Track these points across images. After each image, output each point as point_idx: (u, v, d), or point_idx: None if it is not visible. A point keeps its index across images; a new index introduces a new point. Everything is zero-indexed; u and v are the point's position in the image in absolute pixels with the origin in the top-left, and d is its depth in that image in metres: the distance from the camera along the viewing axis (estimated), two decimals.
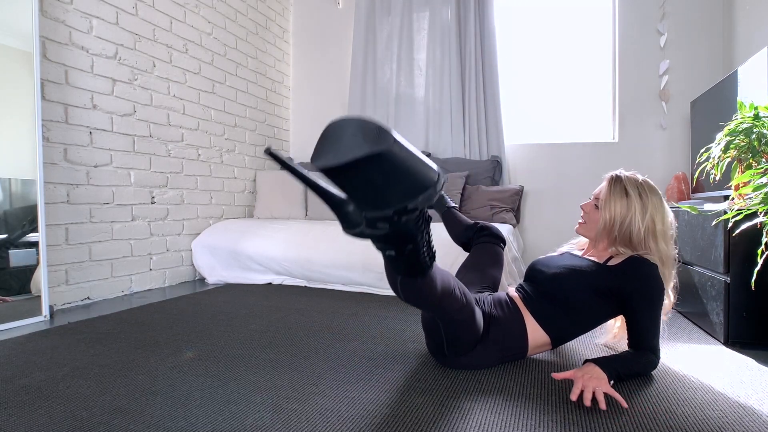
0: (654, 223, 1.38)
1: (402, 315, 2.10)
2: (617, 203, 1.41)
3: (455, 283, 1.24)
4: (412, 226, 0.88)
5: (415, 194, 0.81)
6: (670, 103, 3.23)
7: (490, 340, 1.37)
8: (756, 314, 1.64)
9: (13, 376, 1.33)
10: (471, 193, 3.21)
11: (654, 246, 1.38)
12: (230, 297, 2.49)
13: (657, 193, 1.43)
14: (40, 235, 2.06)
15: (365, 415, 1.09)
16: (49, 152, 2.17)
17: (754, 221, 1.46)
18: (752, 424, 1.06)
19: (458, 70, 3.51)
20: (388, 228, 0.84)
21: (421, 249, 0.96)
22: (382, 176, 0.74)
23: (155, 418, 1.07)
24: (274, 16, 3.96)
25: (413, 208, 0.82)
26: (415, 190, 0.80)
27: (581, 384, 1.14)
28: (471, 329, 1.30)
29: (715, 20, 3.12)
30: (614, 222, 1.40)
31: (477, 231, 1.84)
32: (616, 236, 1.41)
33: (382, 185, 0.76)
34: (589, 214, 1.51)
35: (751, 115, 1.55)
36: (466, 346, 1.34)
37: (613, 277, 1.34)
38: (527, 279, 1.54)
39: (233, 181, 3.48)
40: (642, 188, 1.41)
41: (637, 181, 1.43)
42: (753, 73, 2.07)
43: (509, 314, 1.41)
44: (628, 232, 1.39)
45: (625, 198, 1.41)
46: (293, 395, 1.20)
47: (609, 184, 1.45)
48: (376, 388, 1.25)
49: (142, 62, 2.65)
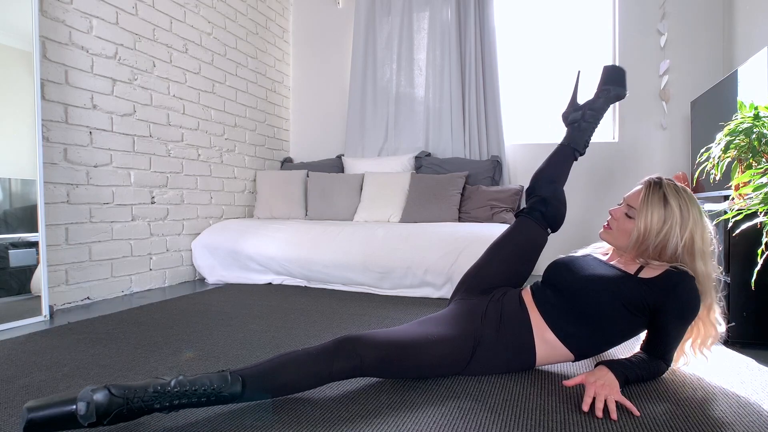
0: (693, 240, 1.25)
1: (402, 315, 2.10)
2: (654, 213, 1.26)
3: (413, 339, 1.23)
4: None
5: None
6: (670, 103, 3.23)
7: (474, 361, 1.30)
8: (756, 314, 1.64)
9: (13, 376, 1.33)
10: (471, 193, 3.21)
11: (690, 264, 1.26)
12: (230, 297, 2.49)
13: (697, 204, 1.29)
14: (40, 235, 2.06)
15: (365, 415, 1.09)
16: (49, 152, 2.17)
17: (754, 221, 1.46)
18: (752, 424, 1.06)
19: (458, 70, 3.52)
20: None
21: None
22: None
23: (155, 418, 1.07)
24: (274, 16, 3.96)
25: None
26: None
27: (593, 391, 1.10)
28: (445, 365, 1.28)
29: (715, 20, 3.12)
30: (649, 234, 1.26)
31: (542, 201, 1.53)
32: (648, 249, 1.27)
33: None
34: (618, 221, 1.35)
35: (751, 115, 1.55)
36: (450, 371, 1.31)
37: (649, 293, 1.23)
38: (548, 282, 1.40)
39: (233, 181, 3.48)
40: (683, 198, 1.27)
41: (678, 190, 1.29)
42: (753, 73, 2.07)
43: (510, 331, 1.31)
44: (661, 247, 1.26)
45: (664, 208, 1.26)
46: (293, 396, 1.20)
47: (646, 189, 1.30)
48: (376, 389, 1.25)
49: (142, 62, 2.65)
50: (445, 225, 2.88)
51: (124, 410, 0.95)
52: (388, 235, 2.72)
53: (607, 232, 1.39)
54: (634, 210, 1.31)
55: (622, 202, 1.38)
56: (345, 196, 3.43)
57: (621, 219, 1.35)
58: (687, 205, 1.26)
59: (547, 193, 1.53)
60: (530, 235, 1.51)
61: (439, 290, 2.53)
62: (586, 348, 1.32)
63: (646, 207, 1.28)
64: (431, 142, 3.64)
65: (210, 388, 1.02)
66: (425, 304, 2.35)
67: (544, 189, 1.55)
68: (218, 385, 1.03)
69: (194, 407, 1.03)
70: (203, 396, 1.02)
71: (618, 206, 1.39)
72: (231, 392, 1.04)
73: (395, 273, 2.59)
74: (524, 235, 1.52)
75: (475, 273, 1.52)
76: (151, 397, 0.97)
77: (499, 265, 1.51)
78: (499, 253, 1.53)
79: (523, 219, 1.54)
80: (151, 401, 0.97)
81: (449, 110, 3.55)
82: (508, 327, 1.32)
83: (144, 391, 0.97)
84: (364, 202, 3.37)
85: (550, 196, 1.52)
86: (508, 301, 1.38)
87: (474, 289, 1.47)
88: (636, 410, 1.09)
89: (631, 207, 1.33)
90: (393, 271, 2.59)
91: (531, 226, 1.51)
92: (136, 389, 0.97)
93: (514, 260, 1.51)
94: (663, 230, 1.25)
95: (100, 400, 0.93)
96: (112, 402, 0.94)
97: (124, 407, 0.95)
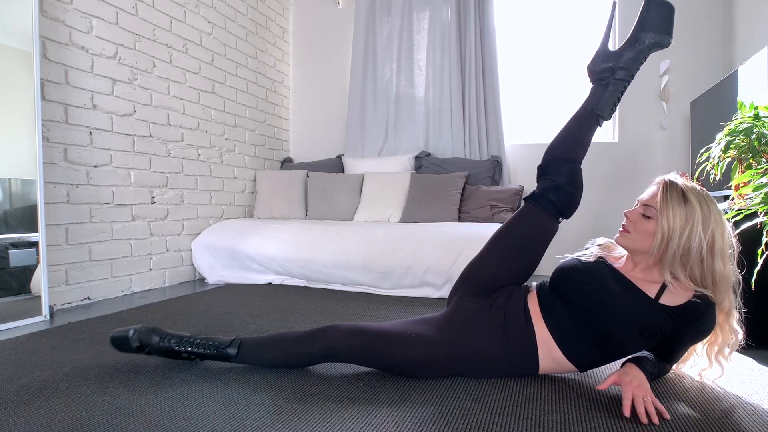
0: (714, 239, 1.17)
1: (402, 315, 2.10)
2: (677, 212, 1.17)
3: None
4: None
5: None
6: (670, 103, 3.23)
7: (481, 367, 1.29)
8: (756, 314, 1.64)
9: (13, 376, 1.33)
10: (471, 193, 3.22)
11: (711, 264, 1.17)
12: (230, 297, 2.49)
13: (715, 203, 1.22)
14: (40, 235, 2.06)
15: (365, 415, 1.09)
16: (49, 152, 2.17)
17: (754, 221, 1.46)
18: (752, 424, 1.06)
19: (458, 70, 3.52)
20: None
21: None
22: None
23: (155, 418, 1.07)
24: (274, 16, 3.96)
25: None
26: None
27: (631, 393, 1.07)
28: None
29: (715, 20, 3.12)
30: (673, 233, 1.17)
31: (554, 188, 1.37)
32: (673, 252, 1.17)
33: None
34: (635, 223, 1.24)
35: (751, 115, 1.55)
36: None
37: (670, 322, 1.17)
38: (558, 291, 1.30)
39: (233, 181, 3.48)
40: (701, 196, 1.19)
41: (695, 188, 1.21)
42: (753, 73, 2.07)
43: (514, 345, 1.27)
44: (685, 248, 1.17)
45: (685, 206, 1.18)
46: (293, 395, 1.20)
47: (663, 189, 1.22)
48: (376, 388, 1.25)
49: (142, 62, 2.65)
50: (445, 225, 2.88)
51: (157, 345, 1.36)
52: (388, 235, 2.72)
53: (625, 236, 1.26)
54: (652, 209, 1.21)
55: (636, 204, 1.28)
56: (345, 196, 3.43)
57: (638, 220, 1.24)
58: (707, 202, 1.19)
59: (561, 177, 1.36)
60: (539, 226, 1.36)
61: (439, 290, 2.53)
62: (592, 364, 1.29)
63: (666, 205, 1.19)
64: (431, 142, 3.64)
65: (215, 343, 1.36)
66: (425, 304, 2.35)
67: (558, 171, 1.37)
68: (220, 343, 1.36)
69: (205, 358, 1.38)
70: (209, 348, 1.35)
71: (632, 208, 1.28)
72: (228, 353, 1.35)
73: (395, 273, 2.59)
74: (531, 227, 1.37)
75: (477, 269, 1.41)
76: (176, 341, 1.36)
77: (502, 260, 1.38)
78: (502, 245, 1.40)
79: (530, 207, 1.38)
80: (176, 344, 1.36)
81: (449, 110, 3.55)
82: (512, 341, 1.27)
83: (173, 336, 1.37)
84: (364, 202, 3.37)
85: (563, 182, 1.36)
86: (511, 311, 1.30)
87: (475, 287, 1.37)
88: (667, 413, 1.07)
89: (649, 206, 1.22)
90: (393, 271, 2.59)
91: (539, 216, 1.36)
92: (169, 334, 1.37)
93: (520, 254, 1.38)
94: (686, 229, 1.16)
95: (144, 332, 1.36)
96: (151, 336, 1.36)
97: (158, 343, 1.35)
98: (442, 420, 1.06)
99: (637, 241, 1.24)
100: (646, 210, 1.23)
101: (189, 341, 1.36)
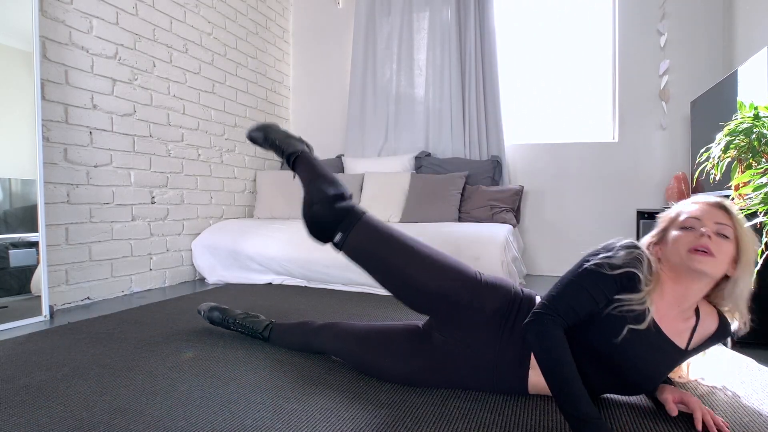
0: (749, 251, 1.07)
1: (402, 316, 2.10)
2: (749, 231, 1.04)
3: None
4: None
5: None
6: (670, 103, 3.23)
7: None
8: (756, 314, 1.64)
9: (13, 376, 1.33)
10: (471, 193, 3.21)
11: (742, 277, 1.06)
12: (230, 297, 2.49)
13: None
14: (40, 235, 2.06)
15: (365, 415, 1.09)
16: (49, 152, 2.17)
17: (754, 221, 1.46)
18: (752, 424, 1.06)
19: (458, 70, 3.52)
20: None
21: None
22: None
23: (155, 418, 1.07)
24: (274, 16, 3.96)
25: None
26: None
27: (700, 410, 1.04)
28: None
29: (715, 20, 3.12)
30: (750, 257, 1.04)
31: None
32: (740, 278, 1.05)
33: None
34: (718, 245, 1.02)
35: (751, 115, 1.55)
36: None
37: (691, 354, 1.12)
38: (577, 340, 1.05)
39: (233, 181, 3.48)
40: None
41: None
42: (753, 73, 2.07)
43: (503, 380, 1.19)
44: (751, 272, 1.06)
45: (745, 222, 1.06)
46: (293, 395, 1.20)
47: (717, 204, 1.06)
48: (376, 388, 1.25)
49: (142, 62, 2.65)
50: (445, 225, 2.88)
51: (217, 319, 1.72)
52: None
53: (712, 262, 1.01)
54: (727, 227, 1.03)
55: (699, 221, 1.04)
56: None
57: (718, 241, 1.02)
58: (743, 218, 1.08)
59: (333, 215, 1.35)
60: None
61: None
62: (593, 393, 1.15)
63: (738, 222, 1.04)
64: (431, 142, 3.64)
65: (254, 324, 1.65)
66: None
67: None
68: (257, 326, 1.64)
69: (245, 334, 1.68)
70: (248, 329, 1.65)
71: (704, 229, 1.03)
72: (263, 335, 1.63)
73: None
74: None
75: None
76: (227, 317, 1.70)
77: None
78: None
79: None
80: (227, 320, 1.70)
81: (449, 110, 3.55)
82: (503, 379, 1.19)
83: (228, 313, 1.71)
84: (364, 202, 3.37)
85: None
86: (507, 363, 1.17)
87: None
88: (727, 427, 1.03)
89: (723, 224, 1.03)
90: None
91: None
92: (225, 310, 1.72)
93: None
94: (752, 246, 1.04)
95: (211, 307, 1.76)
96: (213, 312, 1.74)
97: (219, 318, 1.72)
98: (442, 420, 1.07)
99: (718, 266, 1.03)
100: (720, 228, 1.03)
101: (235, 319, 1.69)
